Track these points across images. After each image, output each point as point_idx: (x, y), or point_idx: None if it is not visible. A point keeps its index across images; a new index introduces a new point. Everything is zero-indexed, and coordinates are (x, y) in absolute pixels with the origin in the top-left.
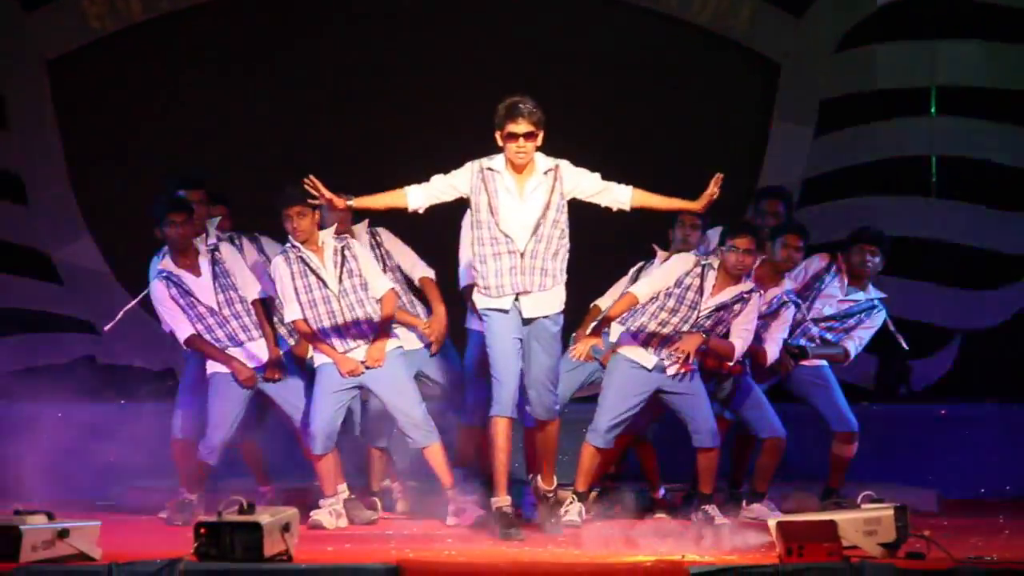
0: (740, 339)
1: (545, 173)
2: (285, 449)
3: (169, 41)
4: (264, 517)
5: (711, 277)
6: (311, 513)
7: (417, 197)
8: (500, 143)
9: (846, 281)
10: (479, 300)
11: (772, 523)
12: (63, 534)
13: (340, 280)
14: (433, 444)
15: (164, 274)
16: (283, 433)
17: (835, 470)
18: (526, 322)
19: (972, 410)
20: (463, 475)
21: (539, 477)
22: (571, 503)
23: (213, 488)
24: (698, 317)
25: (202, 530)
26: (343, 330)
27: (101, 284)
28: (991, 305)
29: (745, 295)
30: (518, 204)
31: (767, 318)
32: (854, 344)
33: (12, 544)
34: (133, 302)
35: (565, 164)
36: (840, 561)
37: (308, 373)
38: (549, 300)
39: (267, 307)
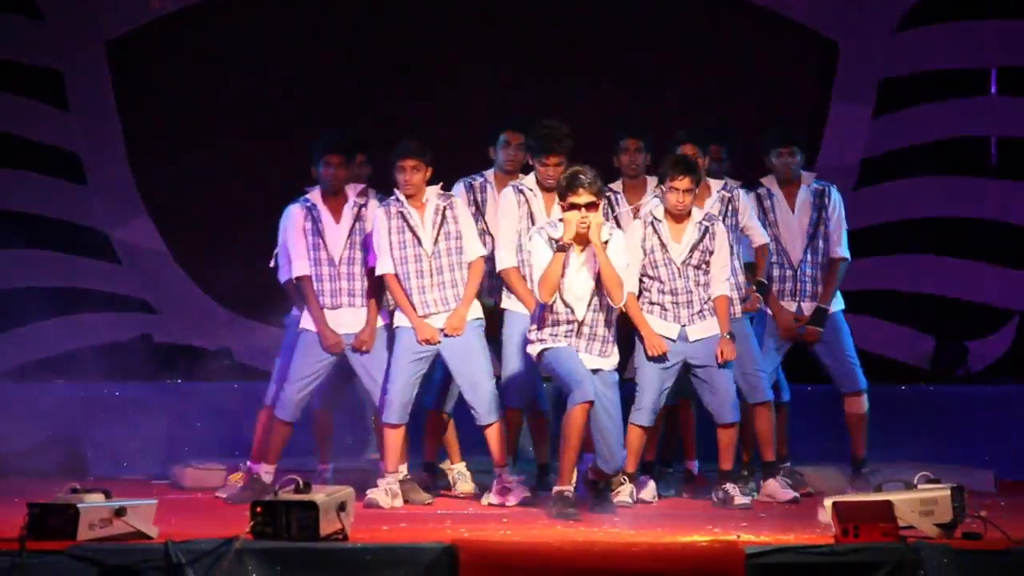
0: (722, 283)
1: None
2: (341, 428)
3: (228, 22)
4: (320, 496)
5: (664, 228)
6: (367, 492)
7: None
8: (561, 211)
9: (782, 195)
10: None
11: (828, 503)
12: (120, 512)
13: (436, 241)
14: (496, 423)
15: (308, 203)
16: (340, 412)
17: (857, 434)
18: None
19: None
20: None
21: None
22: (623, 484)
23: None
24: (683, 266)
25: (258, 509)
26: (428, 292)
27: (158, 263)
28: None
29: (706, 225)
30: (575, 274)
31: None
32: (840, 245)
33: (70, 522)
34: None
35: (616, 238)
36: (896, 541)
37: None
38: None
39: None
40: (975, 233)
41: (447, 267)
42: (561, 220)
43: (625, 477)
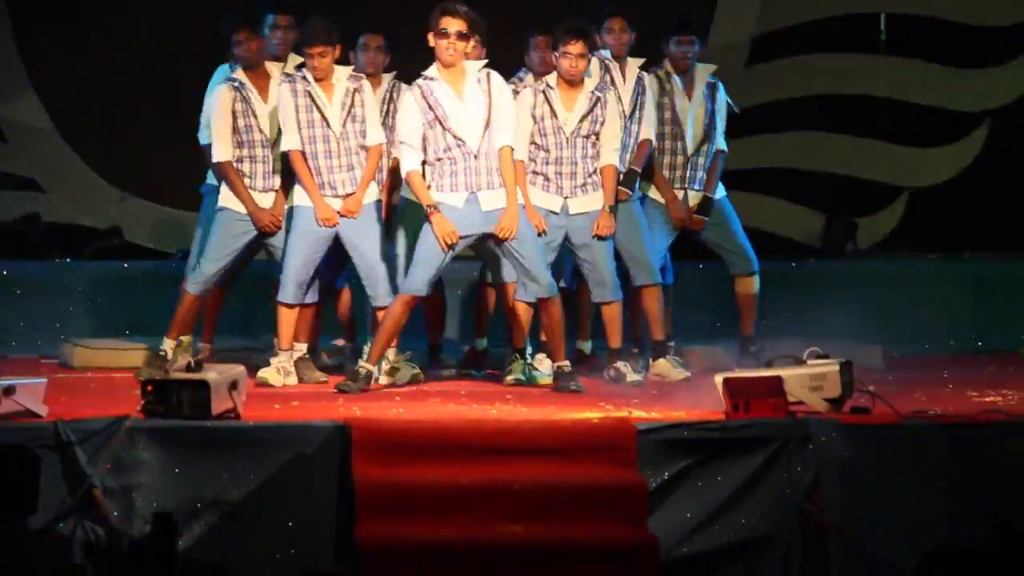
0: (612, 152)
1: (479, 82)
2: None
3: None
4: (211, 375)
5: (555, 96)
6: (258, 371)
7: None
8: (431, 41)
9: (678, 81)
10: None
11: (718, 379)
12: (9, 391)
13: (344, 123)
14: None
15: (236, 83)
16: None
17: (747, 312)
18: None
19: (917, 266)
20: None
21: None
22: (514, 362)
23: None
24: (572, 136)
25: (149, 387)
26: (336, 173)
27: (45, 142)
28: (939, 162)
29: (597, 93)
30: (460, 106)
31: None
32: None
33: None
34: None
35: (499, 90)
36: (786, 416)
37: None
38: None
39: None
40: (865, 110)
41: (355, 150)
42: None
43: (517, 354)
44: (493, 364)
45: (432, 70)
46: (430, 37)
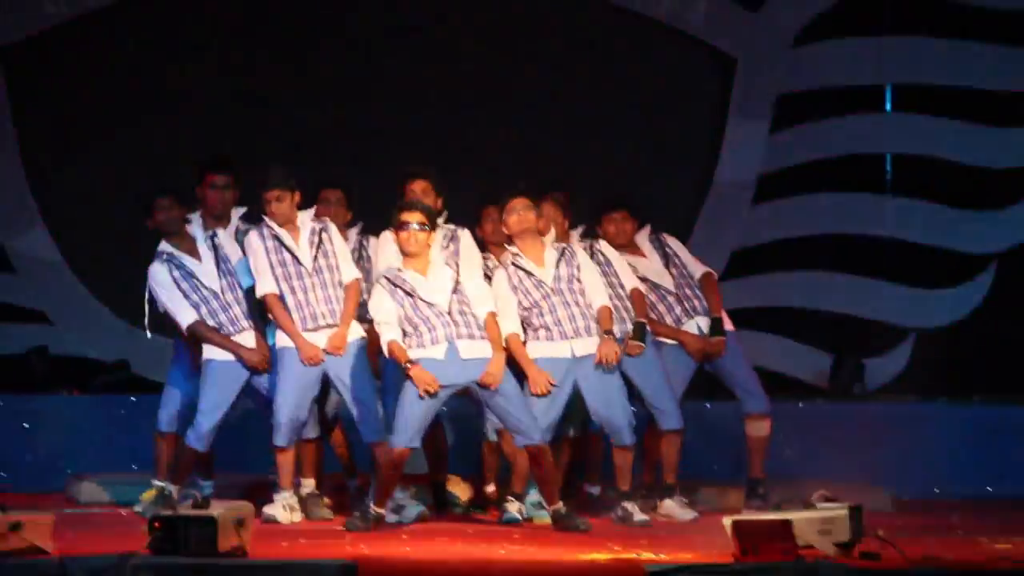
0: (599, 295)
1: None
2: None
3: (124, 28)
4: (219, 511)
5: (522, 260)
6: (264, 508)
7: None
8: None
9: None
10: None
11: (727, 521)
12: (16, 527)
13: (315, 259)
14: (383, 441)
15: (165, 256)
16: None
17: (756, 455)
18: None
19: (926, 409)
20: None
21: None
22: (510, 503)
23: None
24: (555, 289)
25: (156, 524)
26: (314, 306)
27: (54, 273)
28: (945, 304)
29: (562, 246)
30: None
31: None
32: (700, 265)
33: None
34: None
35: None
36: (795, 561)
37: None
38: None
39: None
40: (871, 250)
41: (330, 283)
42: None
43: (513, 497)
44: (501, 503)
45: (395, 260)
46: (390, 233)
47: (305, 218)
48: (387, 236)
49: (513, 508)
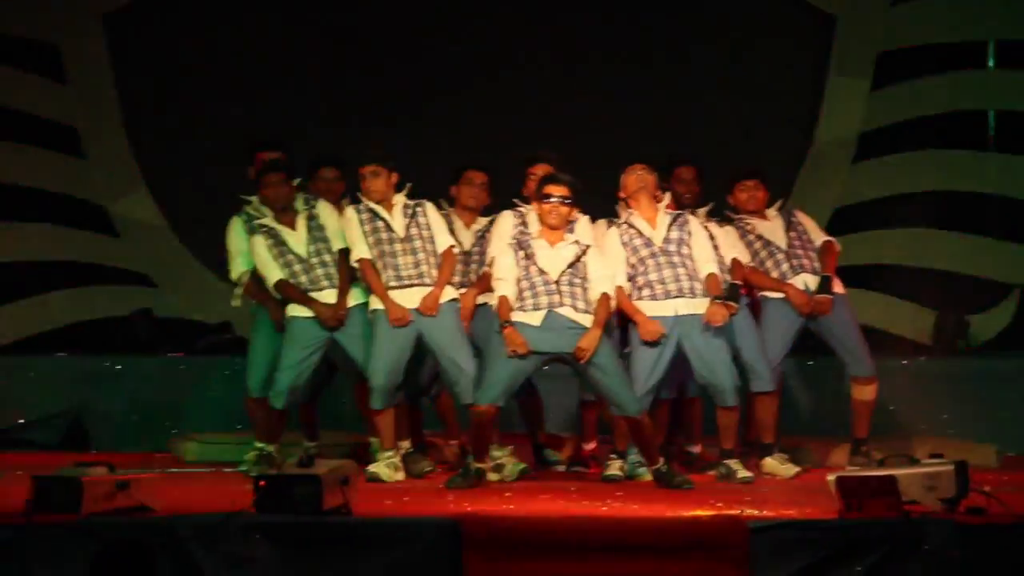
0: (709, 262)
1: (573, 243)
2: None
3: None
4: (323, 470)
5: (636, 219)
6: (368, 467)
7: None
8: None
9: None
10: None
11: (831, 478)
12: (124, 485)
13: (407, 228)
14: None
15: (262, 229)
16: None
17: (861, 417)
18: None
19: None
20: None
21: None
22: (612, 460)
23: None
24: (665, 244)
25: (261, 483)
26: (403, 269)
27: (157, 237)
28: None
29: (675, 213)
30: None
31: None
32: (820, 232)
33: (74, 495)
34: None
35: (593, 255)
36: (899, 516)
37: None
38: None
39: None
40: (974, 206)
41: (420, 248)
42: None
43: (615, 455)
44: (603, 461)
45: (533, 221)
46: (535, 205)
47: (399, 200)
48: (506, 215)
49: (615, 466)
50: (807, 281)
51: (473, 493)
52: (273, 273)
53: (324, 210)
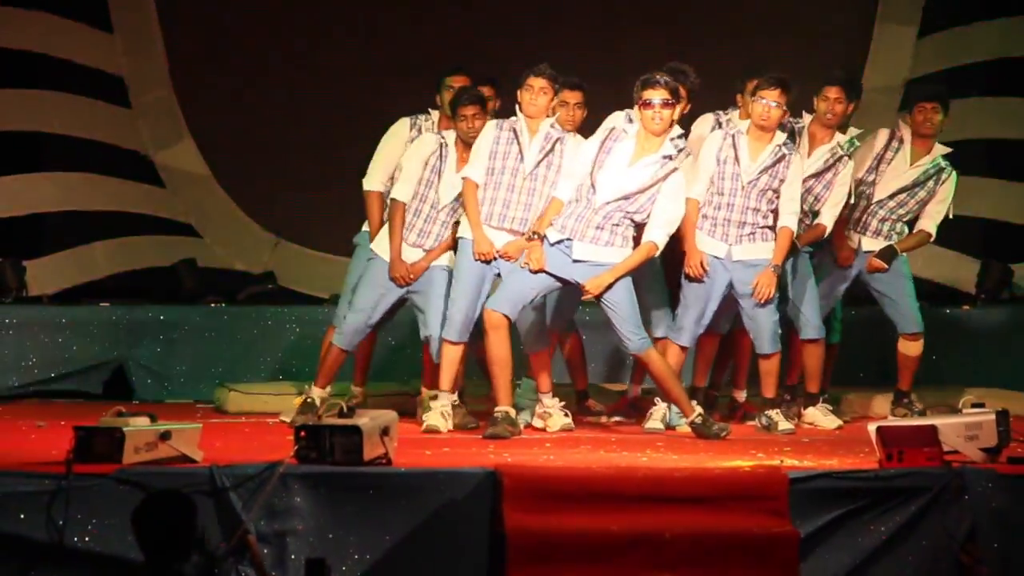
0: (790, 215)
1: (664, 157)
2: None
3: None
4: (363, 420)
5: (743, 142)
6: (424, 416)
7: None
8: (638, 113)
9: (909, 148)
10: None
11: (872, 428)
12: (165, 436)
13: (537, 164)
14: (543, 350)
15: (444, 141)
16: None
17: (906, 370)
18: None
19: None
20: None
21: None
22: (655, 409)
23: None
24: (748, 186)
25: (302, 433)
26: (512, 208)
27: (202, 187)
28: None
29: (783, 149)
30: (620, 170)
31: (822, 175)
32: (933, 222)
33: (115, 446)
34: None
35: (677, 177)
36: (941, 466)
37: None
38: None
39: None
40: (1020, 155)
41: (539, 192)
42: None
43: (659, 400)
44: (645, 411)
45: (633, 127)
46: (637, 109)
47: (546, 124)
48: (597, 135)
49: (657, 416)
50: (864, 242)
51: (513, 443)
52: (402, 188)
53: None
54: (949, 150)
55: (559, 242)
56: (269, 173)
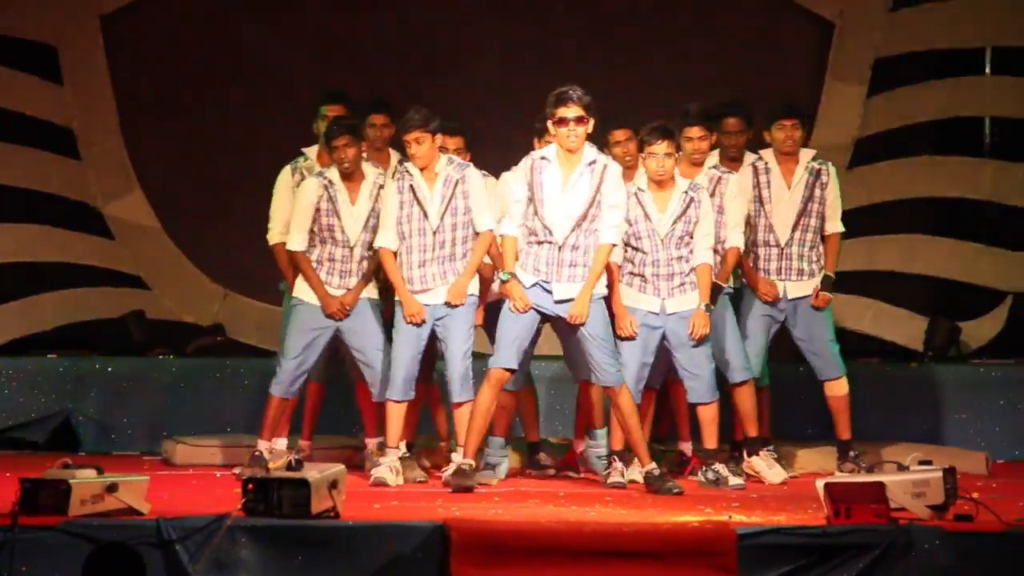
0: (704, 251)
1: (590, 164)
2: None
3: None
4: (312, 474)
5: (647, 199)
6: (372, 470)
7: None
8: (551, 131)
9: (779, 172)
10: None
11: (820, 484)
12: (112, 488)
13: (442, 216)
14: (468, 402)
15: (326, 180)
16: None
17: (840, 415)
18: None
19: (1022, 372)
20: None
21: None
22: (614, 463)
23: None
24: (666, 238)
25: (250, 486)
26: (428, 267)
27: (151, 239)
28: None
29: (691, 193)
30: (561, 193)
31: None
32: (836, 220)
33: (62, 497)
34: None
35: (614, 169)
36: (888, 523)
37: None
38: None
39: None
40: (968, 214)
41: (450, 242)
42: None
43: (614, 456)
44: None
45: (550, 151)
46: (549, 126)
47: (443, 165)
48: (519, 169)
49: (617, 472)
50: (788, 288)
51: (462, 497)
52: (296, 238)
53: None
54: (813, 152)
55: (535, 284)
56: (218, 225)
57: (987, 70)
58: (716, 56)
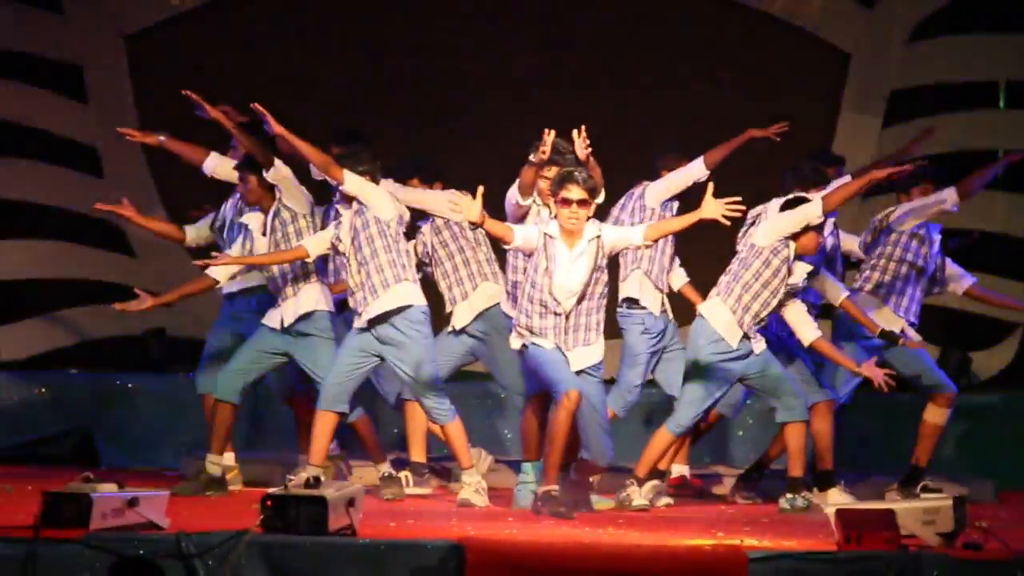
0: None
1: (590, 241)
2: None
3: (246, 17)
4: (329, 491)
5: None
6: (460, 493)
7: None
8: (553, 210)
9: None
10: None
11: (831, 510)
12: (132, 503)
13: (353, 239)
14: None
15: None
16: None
17: (930, 442)
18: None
19: None
20: None
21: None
22: (632, 487)
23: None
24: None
25: (268, 502)
26: (358, 293)
27: (173, 257)
28: None
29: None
30: (567, 268)
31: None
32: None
33: (83, 511)
34: None
35: (605, 229)
36: (897, 550)
37: None
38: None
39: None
40: (981, 245)
41: (369, 261)
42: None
43: (634, 479)
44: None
45: (553, 228)
46: (551, 204)
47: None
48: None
49: (635, 493)
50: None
51: (478, 517)
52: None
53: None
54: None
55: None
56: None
57: (1001, 103)
58: (731, 87)
